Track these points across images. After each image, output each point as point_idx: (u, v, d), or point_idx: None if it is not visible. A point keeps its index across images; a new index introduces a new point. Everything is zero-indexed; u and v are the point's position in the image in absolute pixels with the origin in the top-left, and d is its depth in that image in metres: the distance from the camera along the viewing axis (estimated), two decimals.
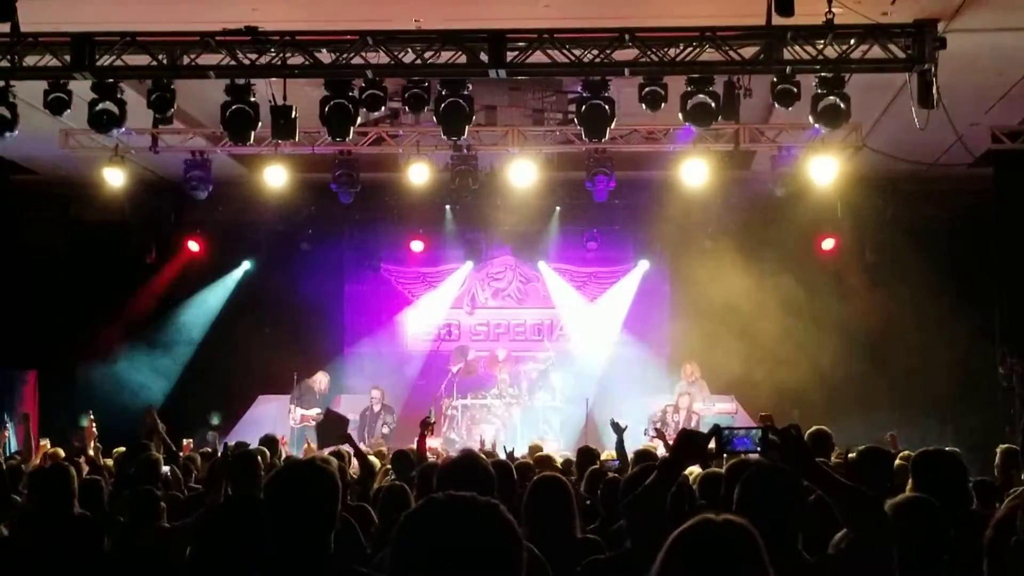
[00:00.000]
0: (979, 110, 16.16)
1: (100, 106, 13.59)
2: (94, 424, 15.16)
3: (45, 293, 20.95)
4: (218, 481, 7.59)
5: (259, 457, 8.66)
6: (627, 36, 12.76)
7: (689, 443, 5.07)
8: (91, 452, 13.82)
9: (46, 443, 14.41)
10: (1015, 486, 8.63)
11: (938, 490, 6.05)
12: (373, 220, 21.68)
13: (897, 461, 8.89)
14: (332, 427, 10.40)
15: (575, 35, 12.97)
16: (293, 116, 14.09)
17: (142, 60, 13.21)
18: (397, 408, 21.43)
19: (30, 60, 13.17)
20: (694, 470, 7.51)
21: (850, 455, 8.27)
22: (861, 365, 20.71)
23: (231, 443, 14.96)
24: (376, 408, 20.93)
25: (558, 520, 6.32)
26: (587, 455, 11.91)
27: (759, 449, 4.85)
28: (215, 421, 18.43)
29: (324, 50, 13.16)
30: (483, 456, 6.19)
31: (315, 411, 21.03)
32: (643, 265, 22.53)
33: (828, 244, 21.19)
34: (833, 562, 4.89)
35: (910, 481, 6.99)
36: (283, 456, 13.65)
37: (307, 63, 13.18)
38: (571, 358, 22.67)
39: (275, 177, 18.35)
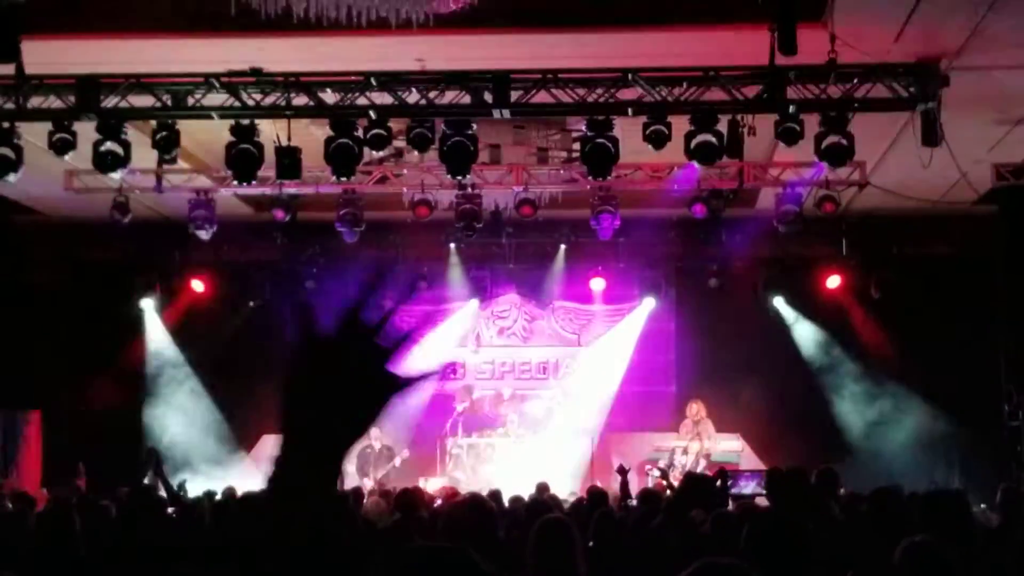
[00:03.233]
0: (983, 147, 16.17)
1: (104, 147, 13.63)
2: (83, 472, 15.21)
3: (49, 333, 20.92)
4: None
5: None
6: (631, 76, 12.81)
7: (695, 486, 5.05)
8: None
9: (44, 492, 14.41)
10: (1018, 525, 8.61)
11: (944, 530, 6.04)
12: (378, 259, 21.68)
13: None
14: None
15: (579, 75, 13.02)
16: (298, 157, 14.13)
17: (147, 101, 13.26)
18: (401, 447, 21.35)
19: (35, 101, 13.23)
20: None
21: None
22: (867, 402, 20.70)
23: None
24: (377, 447, 20.83)
25: (562, 562, 6.29)
26: (596, 496, 11.85)
27: (765, 492, 4.83)
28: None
29: (328, 90, 13.21)
30: (488, 500, 6.18)
31: None
32: (648, 303, 22.49)
33: (833, 281, 21.16)
34: None
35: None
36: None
37: (311, 104, 13.22)
38: (576, 396, 22.61)
39: (280, 216, 18.38)
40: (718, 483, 4.96)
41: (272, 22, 11.44)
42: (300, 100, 13.20)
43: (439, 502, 14.41)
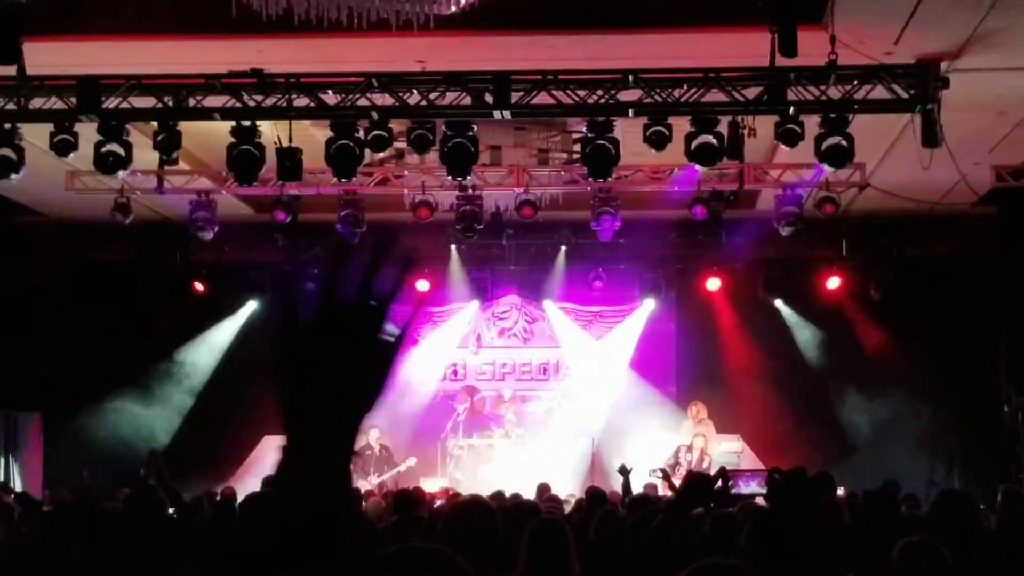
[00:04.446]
0: (982, 149, 16.17)
1: (106, 148, 13.65)
2: (89, 479, 15.25)
3: (50, 335, 20.93)
4: None
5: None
6: (631, 77, 12.82)
7: (696, 485, 5.07)
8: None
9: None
10: (1017, 526, 8.63)
11: (950, 531, 6.07)
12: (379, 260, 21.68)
13: None
14: None
15: (580, 76, 13.03)
16: (299, 158, 14.15)
17: (148, 102, 13.28)
18: (402, 448, 21.36)
19: (36, 102, 13.24)
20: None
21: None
22: (866, 403, 20.69)
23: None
24: (376, 448, 20.84)
25: (555, 562, 6.30)
26: (595, 496, 11.86)
27: (765, 492, 4.85)
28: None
29: (329, 92, 13.22)
30: (489, 501, 6.19)
31: None
32: (648, 304, 22.50)
33: (833, 282, 21.15)
34: None
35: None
36: None
37: (312, 105, 13.23)
38: (577, 397, 22.62)
39: (281, 217, 18.39)
40: (718, 483, 4.99)
41: (273, 23, 11.45)
42: (301, 101, 13.21)
43: (440, 503, 14.43)
